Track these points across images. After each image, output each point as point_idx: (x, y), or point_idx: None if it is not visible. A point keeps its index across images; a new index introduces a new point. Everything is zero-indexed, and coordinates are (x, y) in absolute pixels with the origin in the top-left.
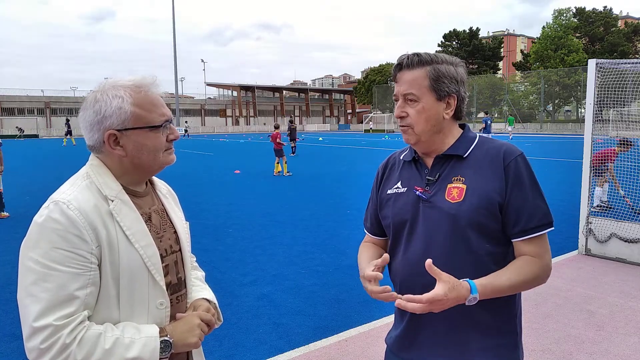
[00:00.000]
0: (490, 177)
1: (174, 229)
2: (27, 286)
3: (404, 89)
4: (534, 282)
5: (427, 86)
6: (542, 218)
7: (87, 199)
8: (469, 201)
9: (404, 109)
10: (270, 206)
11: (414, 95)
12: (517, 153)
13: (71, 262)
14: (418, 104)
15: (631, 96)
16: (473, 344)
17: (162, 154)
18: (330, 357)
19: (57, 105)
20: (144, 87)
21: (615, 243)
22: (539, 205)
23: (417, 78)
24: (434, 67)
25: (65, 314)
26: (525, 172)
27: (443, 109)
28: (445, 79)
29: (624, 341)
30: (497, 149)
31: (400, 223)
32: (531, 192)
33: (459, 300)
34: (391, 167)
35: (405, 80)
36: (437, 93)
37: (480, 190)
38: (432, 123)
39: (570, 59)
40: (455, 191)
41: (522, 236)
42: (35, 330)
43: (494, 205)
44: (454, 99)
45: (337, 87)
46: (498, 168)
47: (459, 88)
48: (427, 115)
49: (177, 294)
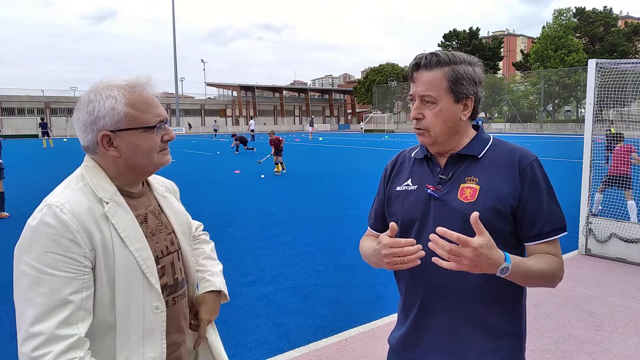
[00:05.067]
0: (504, 180)
1: (171, 230)
2: (22, 290)
3: (422, 90)
4: (553, 278)
5: (445, 88)
6: (557, 222)
7: (81, 201)
8: (482, 202)
9: (420, 111)
10: (270, 206)
11: (432, 97)
12: (532, 157)
13: (65, 266)
14: (436, 106)
15: (631, 96)
16: (478, 346)
17: (157, 154)
18: (330, 357)
19: (57, 105)
20: (138, 87)
21: (615, 243)
22: (554, 210)
23: (435, 79)
24: (453, 68)
25: (60, 320)
26: (541, 177)
27: (460, 111)
28: (464, 81)
29: (624, 341)
30: (512, 152)
31: (410, 221)
32: (547, 196)
33: (490, 264)
34: (400, 164)
35: (422, 81)
36: (456, 95)
37: (494, 192)
38: (450, 125)
39: (570, 59)
40: (469, 191)
41: (538, 240)
42: (30, 336)
43: (507, 208)
44: (471, 101)
45: (337, 87)
46: (513, 172)
47: (477, 89)
48: (444, 118)
49: (173, 295)
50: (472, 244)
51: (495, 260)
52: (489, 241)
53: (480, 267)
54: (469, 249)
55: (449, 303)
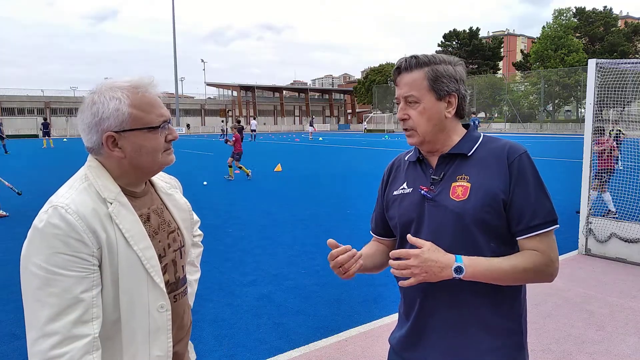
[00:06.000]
0: (494, 175)
1: (175, 227)
2: (33, 291)
3: (404, 91)
4: (536, 273)
5: (426, 87)
6: (546, 215)
7: (85, 201)
8: (473, 199)
9: (405, 111)
10: (271, 206)
11: (414, 97)
12: (521, 151)
13: (74, 266)
14: (419, 105)
15: (631, 96)
16: (479, 344)
17: (161, 154)
18: (330, 357)
19: (57, 105)
20: (141, 88)
21: (615, 243)
22: (542, 203)
23: (416, 80)
24: (432, 67)
25: (75, 319)
26: (529, 170)
27: (444, 108)
28: (444, 79)
29: (624, 341)
30: (501, 147)
31: (407, 223)
32: (535, 189)
33: (442, 267)
34: (397, 169)
35: (404, 83)
36: (437, 93)
37: (485, 188)
38: (434, 122)
39: (570, 59)
40: (460, 189)
41: (526, 233)
42: (45, 335)
43: (498, 203)
44: (454, 98)
45: (337, 87)
46: (502, 166)
47: (459, 86)
48: (428, 115)
49: (174, 292)
50: (413, 252)
51: (446, 262)
52: (431, 246)
53: (433, 273)
54: (413, 259)
55: (448, 303)
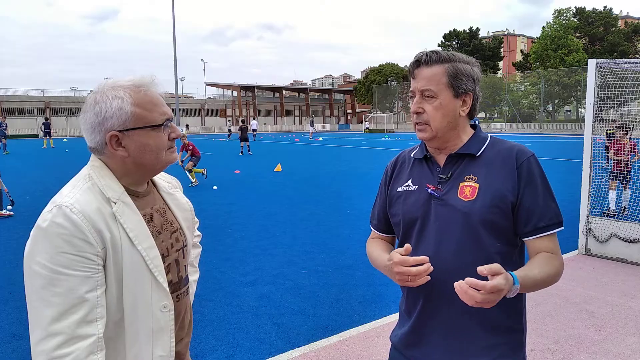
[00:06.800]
0: (503, 177)
1: (177, 227)
2: (37, 290)
3: (422, 85)
4: (556, 277)
5: (445, 83)
6: (552, 217)
7: (89, 201)
8: (481, 199)
9: (421, 105)
10: (271, 206)
11: (432, 92)
12: (529, 154)
13: (79, 265)
14: (436, 100)
15: (631, 96)
16: (480, 341)
17: (165, 152)
18: (330, 357)
19: (57, 105)
20: (143, 87)
21: (615, 243)
22: (550, 205)
23: (435, 74)
24: (453, 64)
25: (80, 318)
26: (538, 172)
27: (459, 106)
28: (463, 77)
29: (624, 341)
30: (509, 149)
31: (411, 221)
32: (543, 192)
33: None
34: (401, 165)
35: (423, 77)
36: (455, 90)
37: (493, 189)
38: (449, 119)
39: (570, 59)
40: (468, 190)
41: (533, 235)
42: (49, 334)
43: (506, 204)
44: (470, 97)
45: (337, 87)
46: (511, 168)
47: (475, 87)
48: (444, 111)
49: (177, 292)
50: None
51: (509, 288)
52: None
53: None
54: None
55: (451, 300)
